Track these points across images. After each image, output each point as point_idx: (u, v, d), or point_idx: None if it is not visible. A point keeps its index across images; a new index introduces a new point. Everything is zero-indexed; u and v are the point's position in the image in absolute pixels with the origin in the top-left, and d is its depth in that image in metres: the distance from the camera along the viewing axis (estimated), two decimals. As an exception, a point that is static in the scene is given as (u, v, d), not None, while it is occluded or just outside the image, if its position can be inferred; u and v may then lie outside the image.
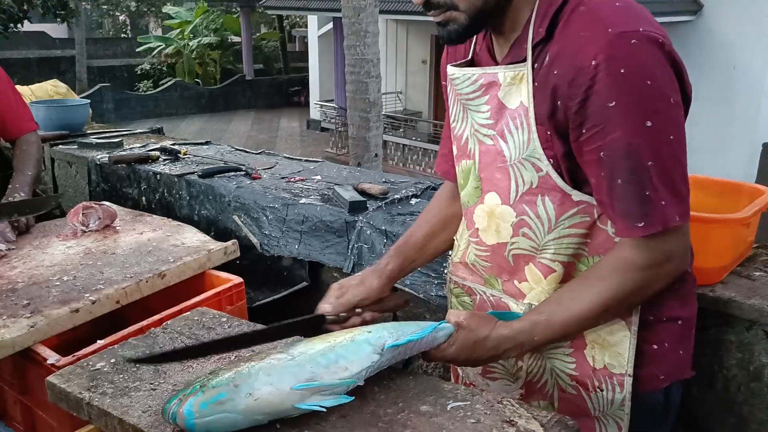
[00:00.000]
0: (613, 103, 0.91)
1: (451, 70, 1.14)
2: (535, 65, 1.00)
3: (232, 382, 0.95)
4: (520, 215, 1.07)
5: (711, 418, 1.47)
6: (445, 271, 1.35)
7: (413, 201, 2.07)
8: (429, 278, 1.82)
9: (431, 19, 1.07)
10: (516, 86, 1.02)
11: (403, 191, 2.13)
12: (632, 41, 0.90)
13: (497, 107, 1.06)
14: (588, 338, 1.10)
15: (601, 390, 1.10)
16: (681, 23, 10.26)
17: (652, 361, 1.10)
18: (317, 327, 1.19)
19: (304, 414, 0.97)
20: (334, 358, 0.99)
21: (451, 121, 1.20)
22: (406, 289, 1.87)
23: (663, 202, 0.94)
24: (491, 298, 1.19)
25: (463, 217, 1.23)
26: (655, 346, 1.10)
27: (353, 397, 0.99)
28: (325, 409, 0.95)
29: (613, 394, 1.10)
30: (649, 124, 0.91)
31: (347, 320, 1.22)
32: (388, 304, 1.31)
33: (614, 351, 1.08)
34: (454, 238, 1.31)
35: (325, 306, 1.22)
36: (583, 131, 0.95)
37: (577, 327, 1.05)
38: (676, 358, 1.12)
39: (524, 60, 1.01)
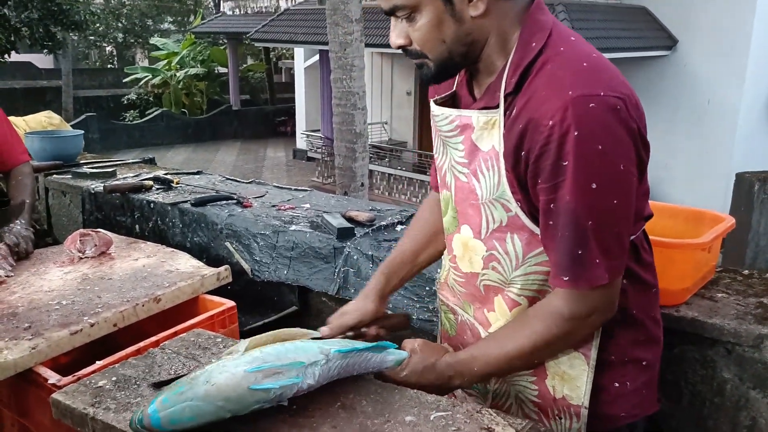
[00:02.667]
0: (566, 162, 0.96)
1: (433, 107, 1.20)
2: (506, 113, 1.04)
3: (189, 379, 1.04)
4: (490, 250, 1.13)
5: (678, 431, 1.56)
6: (435, 287, 1.43)
7: (399, 228, 2.17)
8: (411, 302, 1.90)
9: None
10: (488, 131, 1.07)
11: (389, 218, 2.23)
12: (590, 105, 0.94)
13: (471, 148, 1.11)
14: (549, 370, 1.16)
15: (560, 418, 1.17)
16: (657, 58, 10.59)
17: (616, 400, 1.15)
18: None
19: (295, 424, 1.05)
20: (284, 351, 1.07)
21: (434, 152, 1.27)
22: (388, 312, 1.95)
23: (597, 261, 1.00)
24: (467, 321, 1.27)
25: (446, 242, 1.30)
26: (617, 385, 1.15)
27: (301, 377, 1.05)
28: (277, 388, 1.01)
29: (570, 423, 1.16)
30: (593, 186, 0.96)
31: None
32: (388, 323, 1.37)
33: (573, 384, 1.14)
34: (443, 256, 1.37)
35: (324, 329, 1.29)
36: (539, 181, 1.01)
37: (509, 365, 1.12)
38: (639, 397, 1.17)
39: (497, 107, 1.05)
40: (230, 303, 1.88)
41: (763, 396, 1.44)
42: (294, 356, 1.06)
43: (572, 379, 1.14)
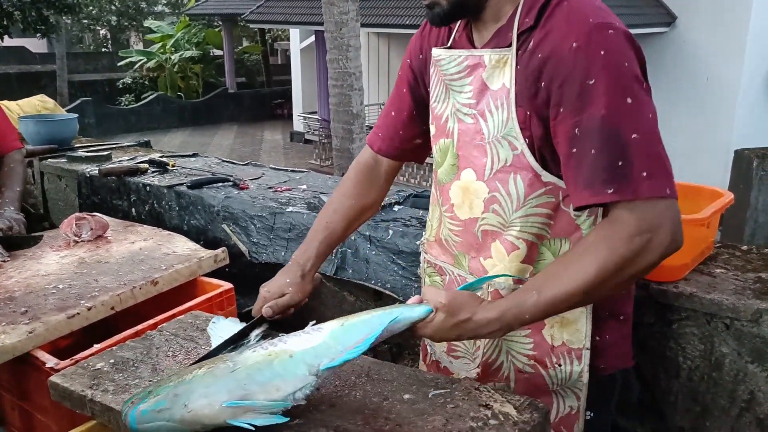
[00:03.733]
0: (593, 81, 0.98)
1: (437, 52, 1.23)
2: (519, 51, 1.08)
3: (172, 390, 1.00)
4: (492, 191, 1.15)
5: (677, 407, 1.57)
6: (419, 249, 1.42)
7: (396, 208, 2.16)
8: (410, 281, 1.90)
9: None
10: (500, 69, 1.11)
11: (386, 199, 2.22)
12: (609, 31, 0.99)
13: (480, 88, 1.14)
14: (547, 318, 1.15)
15: (560, 365, 1.19)
16: (656, 34, 10.50)
17: (597, 353, 1.20)
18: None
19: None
20: (270, 375, 0.99)
21: (432, 101, 1.28)
22: (387, 292, 1.95)
23: (643, 174, 0.96)
24: (458, 278, 1.27)
25: (438, 195, 1.29)
26: (598, 338, 1.20)
27: (288, 418, 0.99)
28: (254, 429, 0.95)
29: (571, 368, 1.19)
30: (629, 101, 0.97)
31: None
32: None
33: (573, 328, 1.17)
34: (426, 219, 1.39)
35: (267, 309, 1.27)
36: (561, 110, 1.02)
37: (566, 303, 1.01)
38: (617, 350, 1.23)
39: (509, 45, 1.09)
40: (228, 285, 1.88)
41: (761, 370, 1.44)
42: (279, 384, 0.99)
43: (571, 323, 1.17)
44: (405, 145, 1.41)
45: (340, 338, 1.04)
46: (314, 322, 1.14)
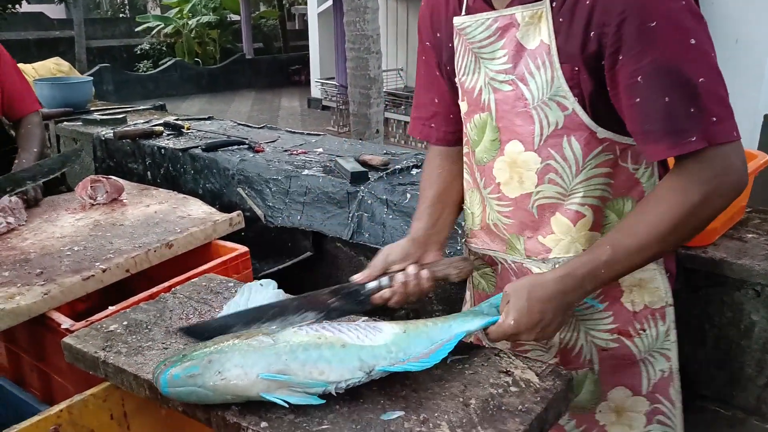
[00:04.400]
0: (654, 23, 0.90)
1: (459, 20, 1.13)
2: (554, 3, 0.99)
3: (207, 356, 0.96)
4: (545, 160, 1.06)
5: (700, 375, 1.53)
6: (460, 246, 1.33)
7: (414, 171, 2.11)
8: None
9: None
10: (534, 25, 1.01)
11: (404, 162, 2.17)
12: None
13: (516, 49, 1.05)
14: (624, 285, 1.12)
15: (644, 330, 1.14)
16: (683, -4, 10.17)
17: None
18: (357, 299, 1.14)
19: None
20: (315, 357, 0.95)
21: (459, 75, 1.17)
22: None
23: (713, 119, 0.92)
24: (513, 264, 1.19)
25: (478, 177, 1.20)
26: None
27: (324, 401, 0.94)
28: (287, 405, 0.92)
29: (657, 330, 1.14)
30: (693, 41, 0.91)
31: (392, 281, 1.15)
32: (442, 268, 1.19)
33: (650, 287, 1.12)
34: (465, 206, 1.29)
35: (356, 276, 1.17)
36: (620, 57, 0.94)
37: (641, 255, 0.99)
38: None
39: None
40: (243, 248, 1.86)
41: (792, 338, 1.39)
42: (324, 368, 0.94)
43: (648, 283, 1.12)
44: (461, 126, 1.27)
45: (403, 346, 0.99)
46: (365, 318, 1.10)
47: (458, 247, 1.71)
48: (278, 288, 1.22)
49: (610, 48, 0.95)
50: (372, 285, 1.14)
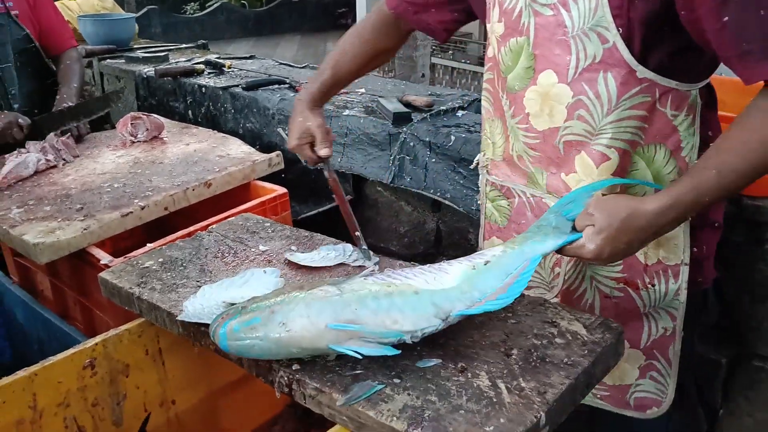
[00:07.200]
0: None
1: None
2: None
3: (269, 307, 0.90)
4: (577, 95, 1.01)
5: (760, 333, 1.44)
6: (479, 174, 1.28)
7: (459, 113, 2.02)
8: (472, 192, 1.79)
9: None
10: None
11: (449, 103, 2.07)
12: None
13: None
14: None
15: (653, 285, 1.09)
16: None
17: (694, 268, 1.09)
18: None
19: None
20: (387, 305, 0.88)
21: None
22: (446, 202, 1.85)
23: None
24: (531, 198, 1.15)
25: (506, 106, 1.14)
26: (695, 250, 1.09)
27: (399, 351, 0.87)
28: (360, 356, 0.86)
29: (666, 287, 1.09)
30: None
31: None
32: None
33: (670, 244, 1.06)
34: (483, 135, 1.25)
35: (326, 150, 1.31)
36: None
37: (747, 179, 0.91)
38: (711, 262, 1.14)
39: None
40: (282, 190, 1.82)
41: None
42: (397, 317, 0.87)
43: (668, 239, 1.05)
44: (430, 24, 1.30)
45: (476, 284, 0.91)
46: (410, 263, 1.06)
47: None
48: (275, 275, 1.15)
49: None
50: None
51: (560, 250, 0.94)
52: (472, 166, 1.33)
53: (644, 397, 1.17)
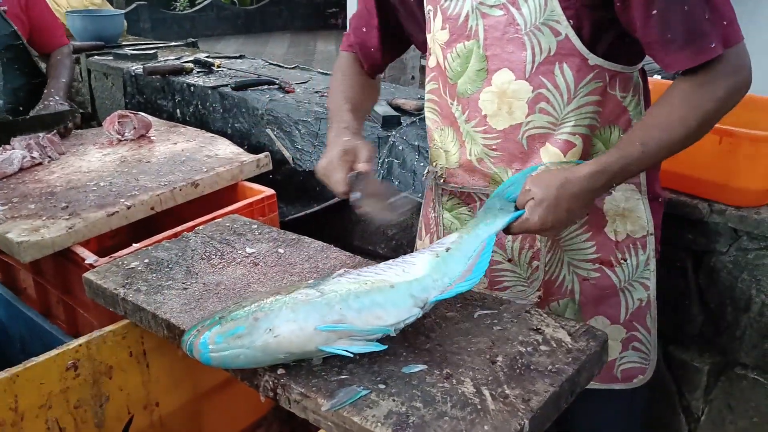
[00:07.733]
0: None
1: None
2: None
3: (252, 315, 0.89)
4: (537, 89, 1.04)
5: (743, 342, 1.45)
6: (426, 187, 1.28)
7: (448, 118, 2.02)
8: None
9: None
10: None
11: (439, 108, 2.08)
12: None
13: None
14: (608, 215, 1.15)
15: (625, 260, 1.18)
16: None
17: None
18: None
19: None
20: (368, 303, 0.90)
21: (441, 1, 1.11)
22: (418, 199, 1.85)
23: (724, 22, 0.94)
24: None
25: (458, 112, 1.14)
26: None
27: (386, 347, 0.89)
28: (352, 355, 0.88)
29: (637, 260, 1.18)
30: None
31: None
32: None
33: (633, 216, 1.16)
34: (433, 146, 1.25)
35: (365, 165, 1.08)
36: None
37: (667, 152, 1.00)
38: (658, 236, 1.21)
39: None
40: (270, 191, 1.81)
41: None
42: (380, 313, 0.89)
43: (631, 212, 1.16)
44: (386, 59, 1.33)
45: (443, 270, 0.95)
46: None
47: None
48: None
49: None
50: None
51: (508, 230, 1.00)
52: (423, 179, 1.32)
53: (630, 368, 1.23)
